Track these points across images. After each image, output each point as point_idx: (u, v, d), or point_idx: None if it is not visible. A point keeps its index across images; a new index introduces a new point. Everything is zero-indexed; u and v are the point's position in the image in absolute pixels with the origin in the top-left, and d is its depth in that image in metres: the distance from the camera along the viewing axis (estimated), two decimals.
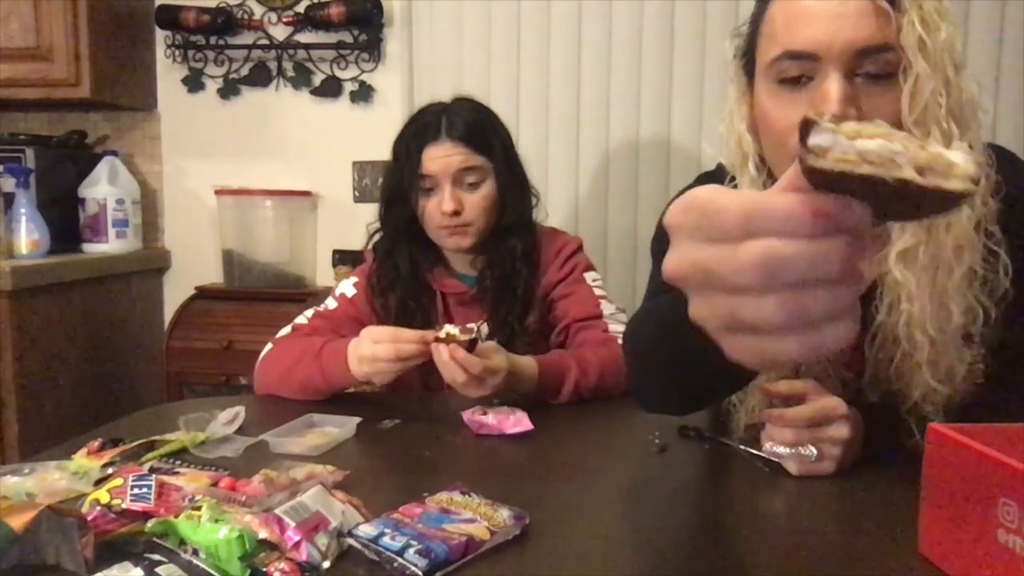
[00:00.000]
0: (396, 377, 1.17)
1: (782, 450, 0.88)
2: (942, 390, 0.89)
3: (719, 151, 1.00)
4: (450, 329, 1.12)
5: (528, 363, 1.20)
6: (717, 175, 1.03)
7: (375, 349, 1.14)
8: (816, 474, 0.87)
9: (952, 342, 0.87)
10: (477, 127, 1.36)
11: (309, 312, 1.39)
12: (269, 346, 1.33)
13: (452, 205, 1.32)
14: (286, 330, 1.36)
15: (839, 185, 0.38)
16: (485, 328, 1.35)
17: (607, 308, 1.36)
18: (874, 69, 0.83)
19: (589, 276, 1.40)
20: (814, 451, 0.87)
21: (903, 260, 0.87)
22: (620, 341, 1.16)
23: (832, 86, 0.82)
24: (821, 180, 0.38)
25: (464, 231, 1.35)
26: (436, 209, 1.34)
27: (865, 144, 0.37)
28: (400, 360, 1.13)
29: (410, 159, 1.34)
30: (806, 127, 0.38)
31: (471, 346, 1.10)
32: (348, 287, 1.41)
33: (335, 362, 1.20)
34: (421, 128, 1.36)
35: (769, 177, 0.94)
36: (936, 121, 0.82)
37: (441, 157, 1.33)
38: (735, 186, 0.96)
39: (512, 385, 1.16)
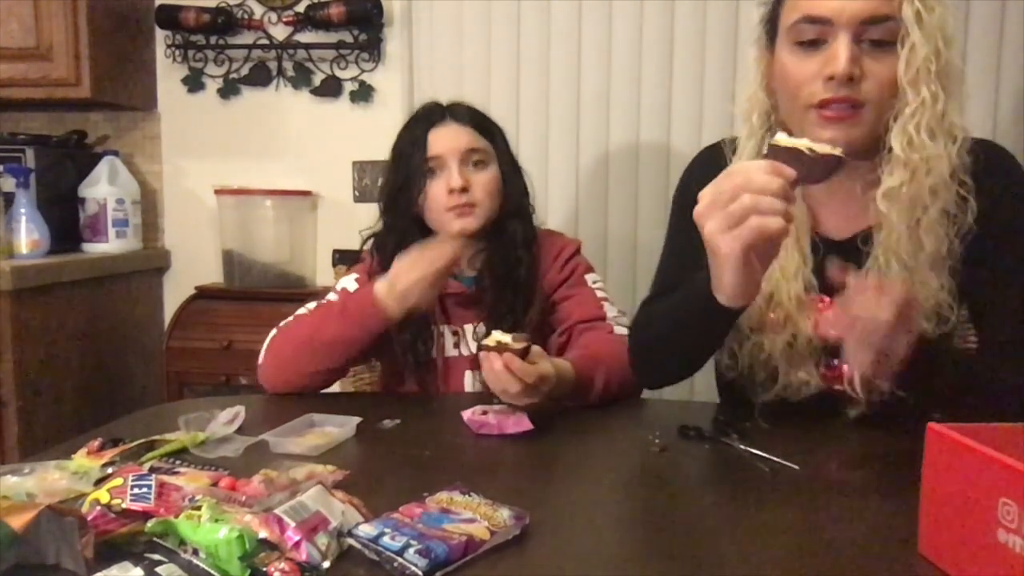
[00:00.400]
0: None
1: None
2: (918, 291, 1.00)
3: (738, 106, 1.17)
4: (500, 337, 1.06)
5: (566, 365, 1.17)
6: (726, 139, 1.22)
7: (411, 277, 1.21)
8: (879, 378, 0.93)
9: (923, 267, 1.01)
10: (479, 115, 1.42)
11: (311, 304, 1.37)
12: (273, 332, 1.32)
13: (460, 181, 1.33)
14: (289, 320, 1.35)
15: (783, 157, 0.86)
16: (483, 329, 1.34)
17: (610, 310, 1.35)
18: (877, 36, 0.99)
19: (590, 278, 1.40)
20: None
21: (888, 197, 1.01)
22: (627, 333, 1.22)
23: (841, 47, 0.98)
24: (778, 152, 0.87)
25: (471, 211, 1.35)
26: (443, 190, 1.34)
27: (794, 140, 0.86)
28: (439, 274, 1.22)
29: (416, 144, 1.36)
30: (772, 133, 0.96)
31: (524, 354, 1.05)
32: (349, 282, 1.40)
33: (364, 310, 1.22)
34: (425, 115, 1.39)
35: (769, 131, 1.10)
36: (926, 83, 0.98)
37: (448, 137, 1.36)
38: (734, 146, 1.15)
39: (553, 390, 1.11)
